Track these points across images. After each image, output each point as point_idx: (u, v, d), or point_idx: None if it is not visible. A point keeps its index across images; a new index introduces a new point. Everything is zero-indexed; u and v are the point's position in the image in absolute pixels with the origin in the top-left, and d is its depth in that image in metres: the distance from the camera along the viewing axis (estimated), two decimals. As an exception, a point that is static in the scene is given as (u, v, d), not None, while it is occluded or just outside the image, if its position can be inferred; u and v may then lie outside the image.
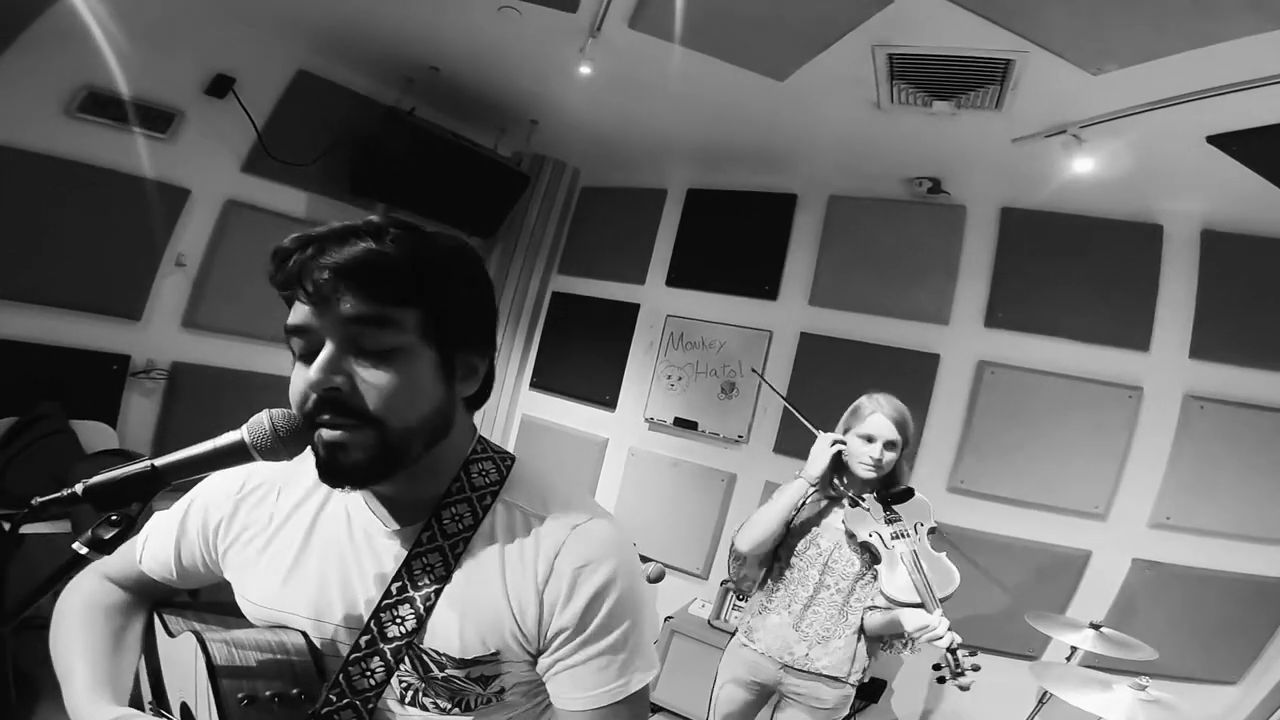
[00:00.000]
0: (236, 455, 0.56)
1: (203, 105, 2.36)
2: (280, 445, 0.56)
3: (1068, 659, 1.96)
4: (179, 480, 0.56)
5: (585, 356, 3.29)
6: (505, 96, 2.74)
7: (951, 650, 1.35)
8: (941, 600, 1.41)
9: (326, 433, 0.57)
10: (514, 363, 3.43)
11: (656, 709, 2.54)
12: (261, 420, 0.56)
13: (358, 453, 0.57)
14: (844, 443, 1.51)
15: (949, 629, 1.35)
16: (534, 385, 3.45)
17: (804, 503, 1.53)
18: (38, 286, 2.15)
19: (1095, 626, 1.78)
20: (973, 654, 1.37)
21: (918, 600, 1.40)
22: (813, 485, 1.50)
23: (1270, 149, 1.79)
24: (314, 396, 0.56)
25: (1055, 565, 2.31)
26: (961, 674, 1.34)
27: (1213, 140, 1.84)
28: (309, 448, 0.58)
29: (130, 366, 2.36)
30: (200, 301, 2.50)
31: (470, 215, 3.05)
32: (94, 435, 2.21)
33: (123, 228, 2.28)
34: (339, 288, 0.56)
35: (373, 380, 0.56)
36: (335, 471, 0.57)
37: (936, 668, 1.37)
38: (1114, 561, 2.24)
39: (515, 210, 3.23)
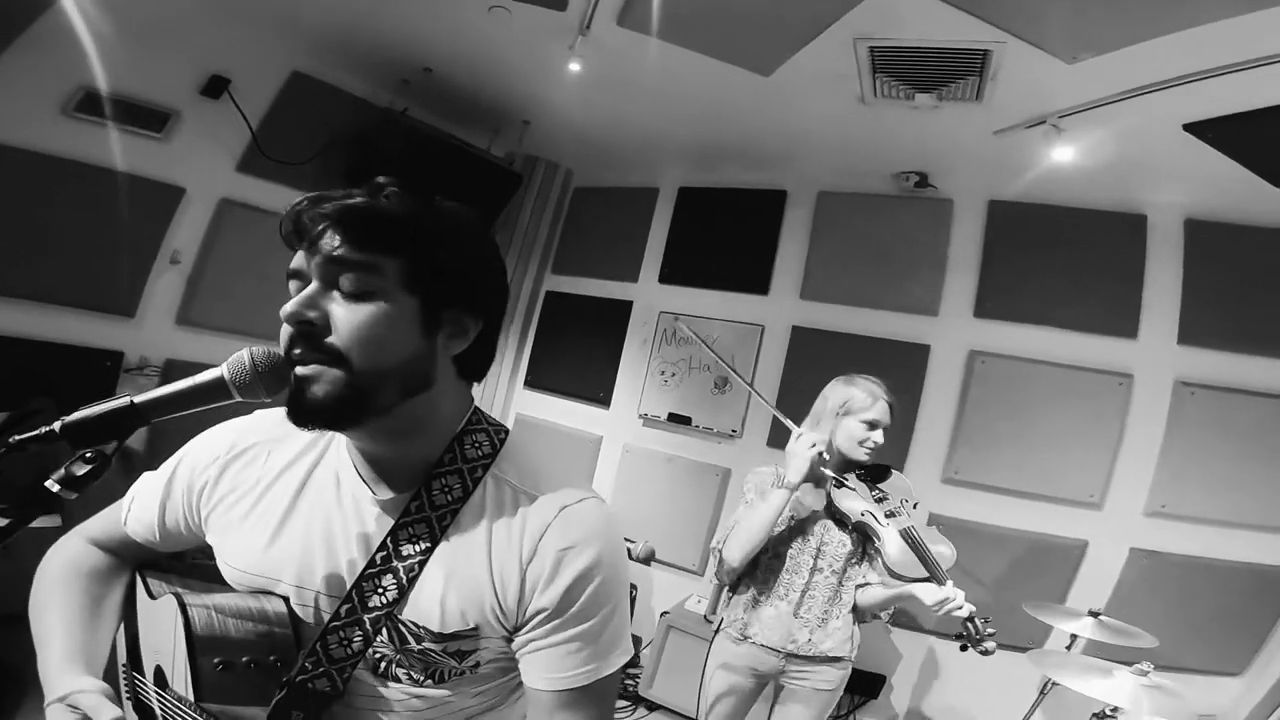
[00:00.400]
0: (216, 392, 0.57)
1: (198, 105, 2.40)
2: (258, 381, 0.56)
3: (1067, 649, 1.95)
4: (158, 418, 0.56)
5: (579, 354, 3.30)
6: (497, 97, 2.78)
7: (970, 619, 1.37)
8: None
9: (299, 369, 0.57)
10: (508, 362, 3.43)
11: (653, 707, 2.51)
12: (242, 356, 0.56)
13: (322, 388, 0.57)
14: (825, 443, 1.49)
15: (964, 598, 1.37)
16: (528, 384, 3.45)
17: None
18: (33, 283, 2.16)
19: (1094, 614, 1.76)
20: (986, 621, 1.38)
21: (925, 575, 1.41)
22: (795, 492, 1.47)
23: (1245, 135, 1.82)
24: (290, 331, 0.58)
25: (1052, 556, 2.30)
26: (983, 639, 1.35)
27: (1189, 128, 1.87)
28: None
29: (123, 363, 2.37)
30: (194, 299, 2.51)
31: (464, 215, 3.07)
32: (85, 432, 2.20)
33: (117, 225, 2.30)
34: (328, 232, 0.58)
35: (345, 317, 0.57)
36: (301, 408, 0.58)
37: (959, 637, 1.39)
38: (1111, 551, 2.23)
39: (509, 210, 3.25)
